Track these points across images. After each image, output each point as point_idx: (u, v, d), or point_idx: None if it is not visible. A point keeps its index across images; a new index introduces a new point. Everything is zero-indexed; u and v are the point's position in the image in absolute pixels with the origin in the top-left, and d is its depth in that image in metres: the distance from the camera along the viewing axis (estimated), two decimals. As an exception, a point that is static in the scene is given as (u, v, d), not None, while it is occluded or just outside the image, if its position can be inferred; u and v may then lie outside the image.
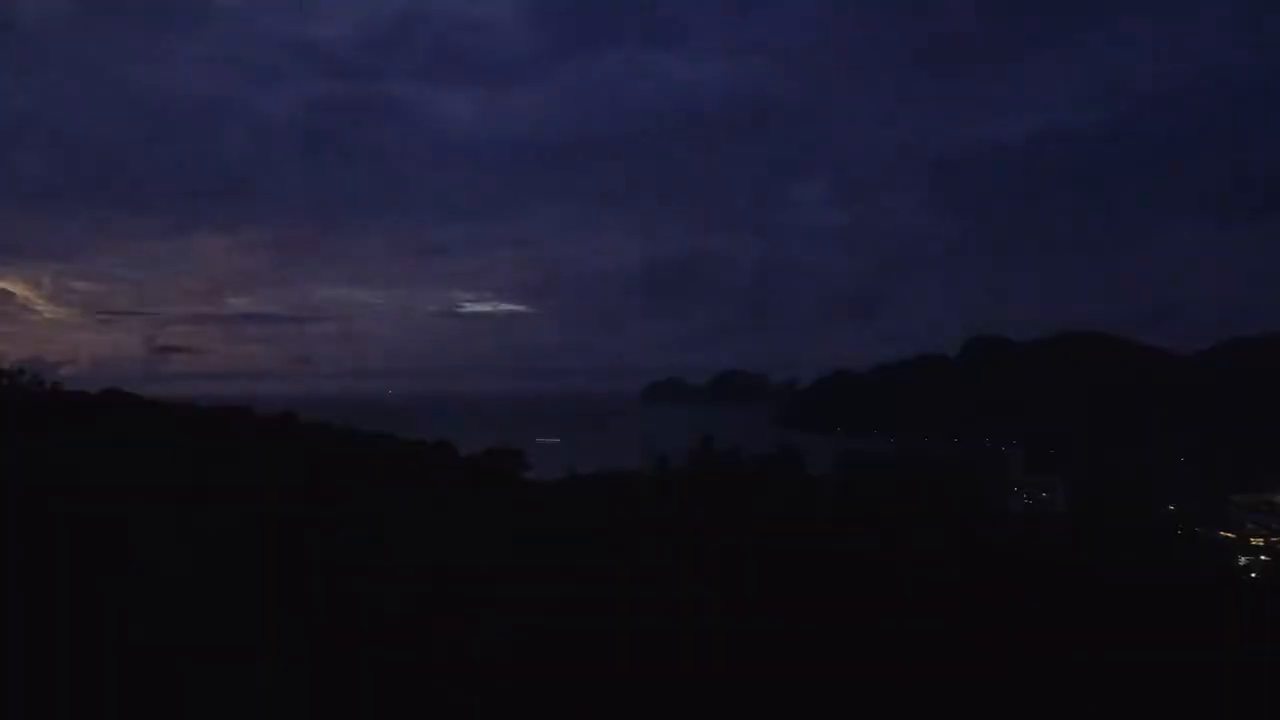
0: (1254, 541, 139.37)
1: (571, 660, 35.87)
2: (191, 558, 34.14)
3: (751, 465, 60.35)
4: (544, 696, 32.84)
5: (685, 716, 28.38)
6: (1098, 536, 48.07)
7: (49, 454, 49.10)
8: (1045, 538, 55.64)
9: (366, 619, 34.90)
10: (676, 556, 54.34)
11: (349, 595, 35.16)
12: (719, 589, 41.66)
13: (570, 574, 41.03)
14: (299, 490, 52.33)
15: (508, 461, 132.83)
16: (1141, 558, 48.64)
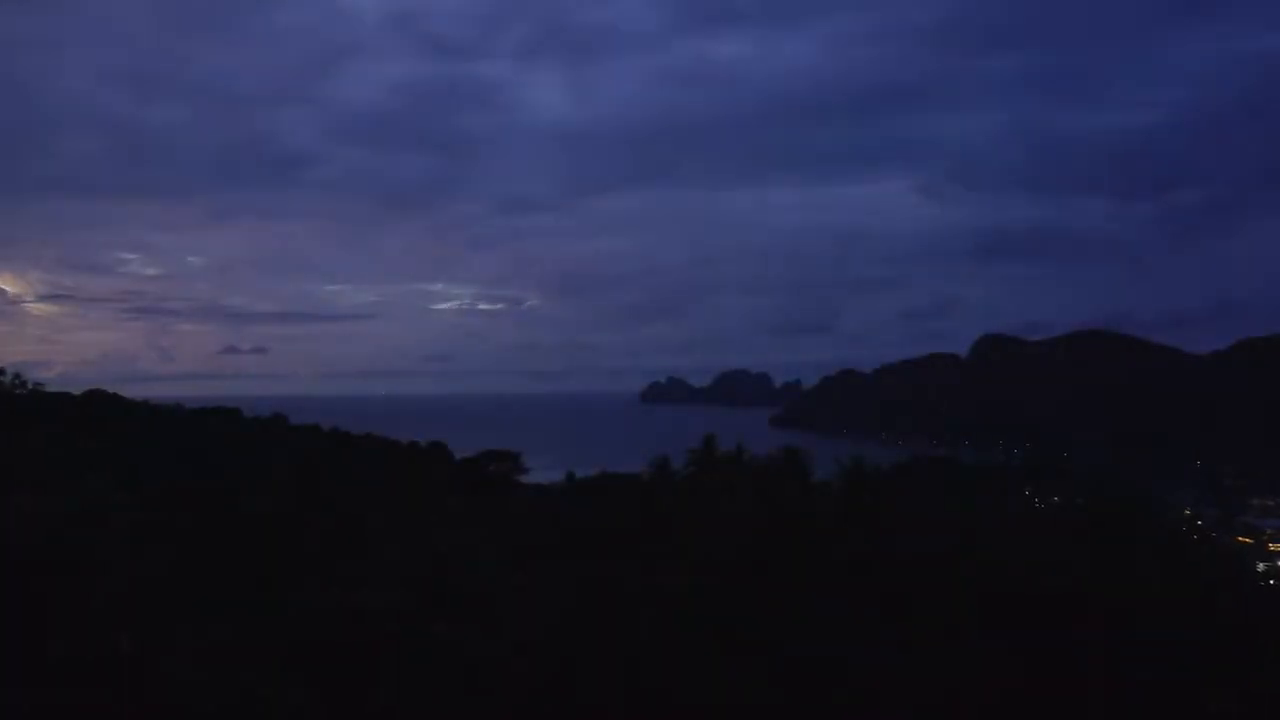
0: (1272, 548, 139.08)
1: (570, 665, 35.78)
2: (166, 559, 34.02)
3: (754, 468, 60.30)
4: (542, 701, 32.73)
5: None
6: (1106, 544, 47.97)
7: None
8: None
9: (358, 625, 34.83)
10: (675, 562, 54.25)
11: (339, 602, 35.09)
12: (719, 596, 41.59)
13: (567, 580, 41.01)
14: (284, 493, 52.35)
15: (504, 464, 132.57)
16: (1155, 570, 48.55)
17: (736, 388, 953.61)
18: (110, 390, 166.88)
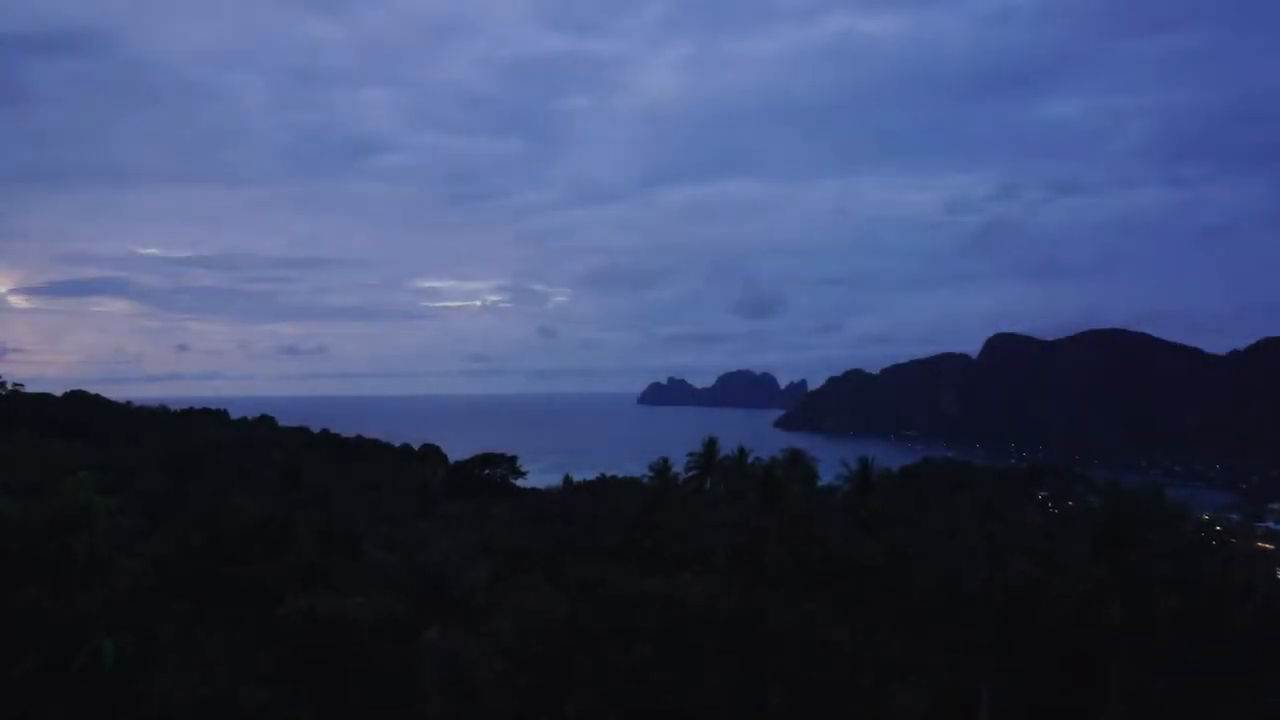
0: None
1: (568, 676, 35.79)
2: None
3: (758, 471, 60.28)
4: (537, 713, 32.73)
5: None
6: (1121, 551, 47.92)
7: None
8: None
9: (347, 634, 34.84)
10: (676, 569, 54.13)
11: (328, 610, 35.08)
12: (722, 604, 41.58)
13: (562, 588, 41.02)
14: (271, 497, 52.37)
15: (500, 467, 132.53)
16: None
17: (739, 389, 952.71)
18: (92, 391, 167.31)
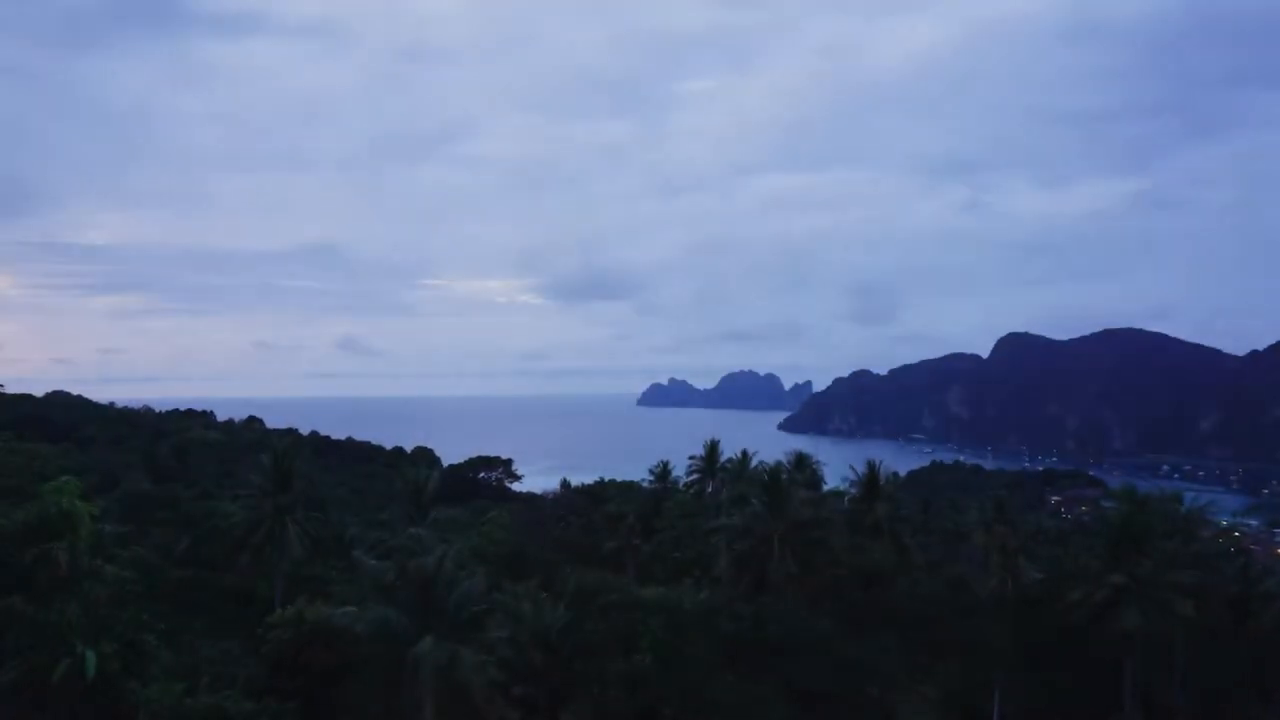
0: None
1: (562, 686, 35.77)
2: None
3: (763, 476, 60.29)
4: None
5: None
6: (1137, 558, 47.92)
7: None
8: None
9: (336, 645, 34.79)
10: (677, 576, 54.06)
11: (317, 620, 35.05)
12: (724, 612, 41.56)
13: (560, 596, 40.97)
14: (259, 502, 52.26)
15: (495, 470, 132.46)
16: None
17: (742, 390, 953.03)
18: (74, 393, 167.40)
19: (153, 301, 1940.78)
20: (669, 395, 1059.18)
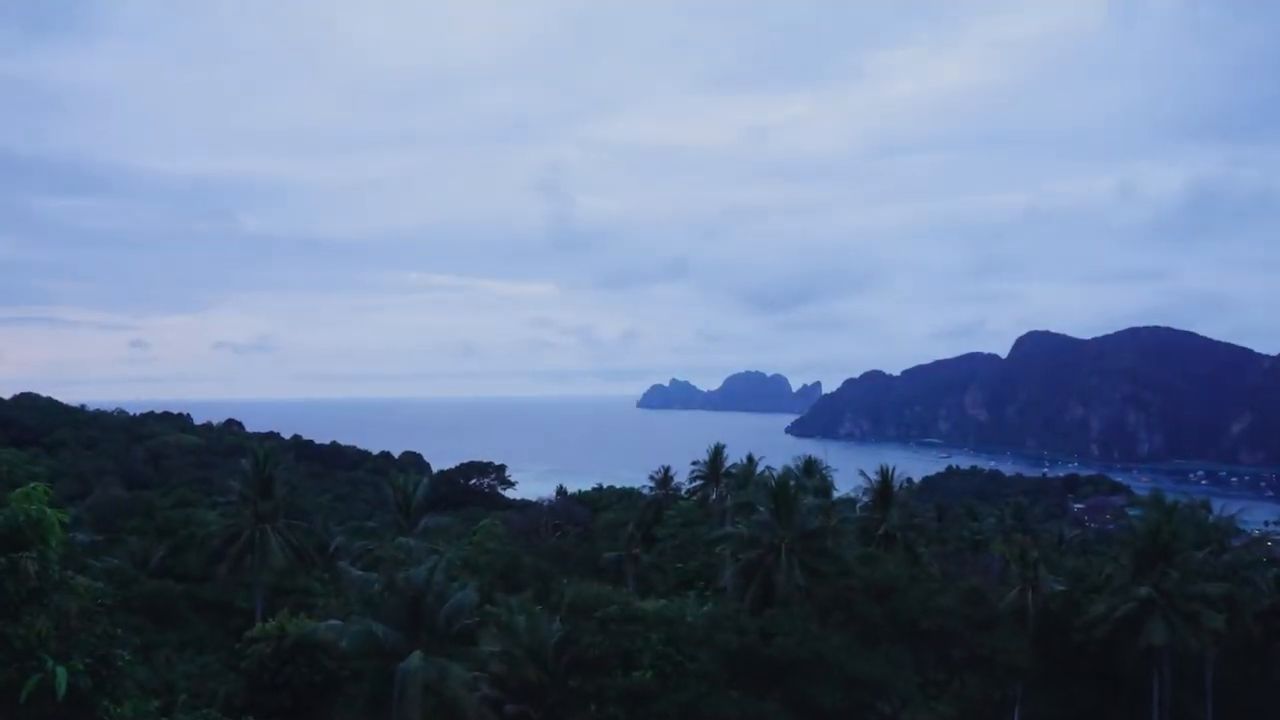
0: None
1: (557, 704, 35.77)
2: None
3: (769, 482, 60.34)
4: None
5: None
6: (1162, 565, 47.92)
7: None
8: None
9: (321, 660, 34.80)
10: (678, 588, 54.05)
11: (299, 635, 35.04)
12: (728, 627, 41.54)
13: (555, 609, 40.99)
14: (239, 509, 52.31)
15: (487, 476, 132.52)
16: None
17: (747, 391, 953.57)
18: (44, 395, 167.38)
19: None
20: (670, 397, 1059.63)
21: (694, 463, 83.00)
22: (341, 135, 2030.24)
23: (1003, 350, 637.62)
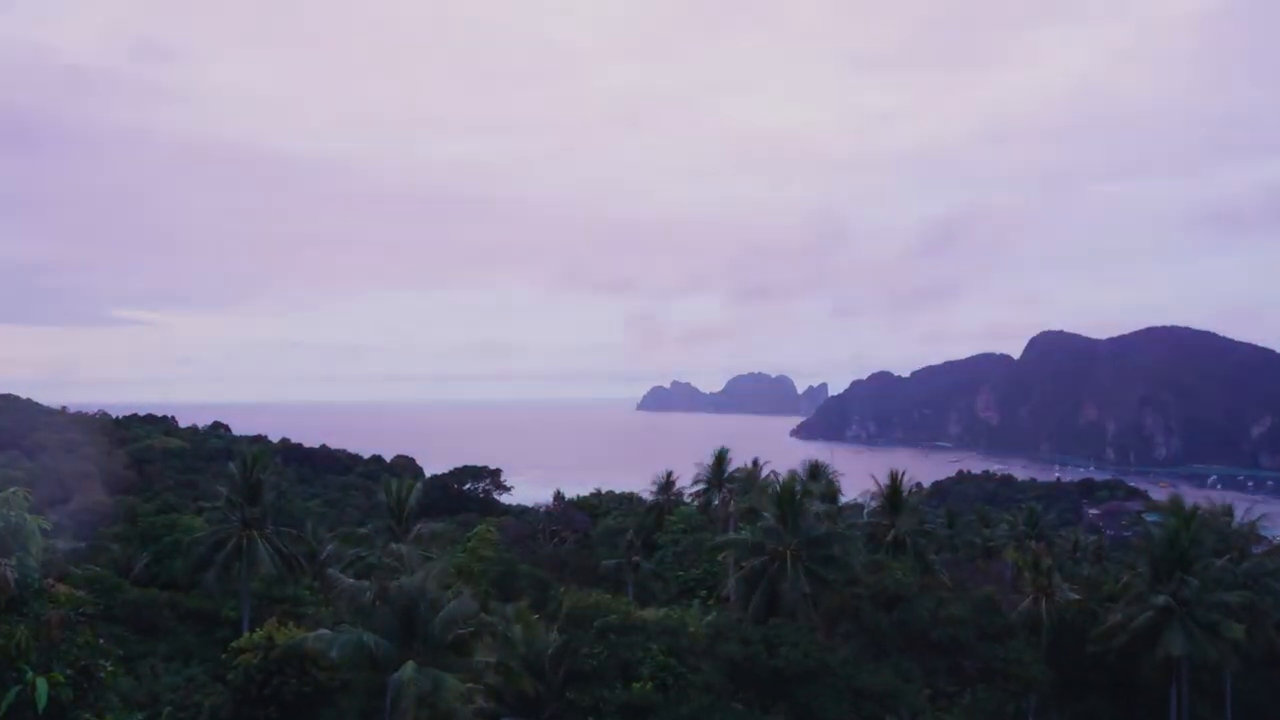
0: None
1: (555, 716, 35.76)
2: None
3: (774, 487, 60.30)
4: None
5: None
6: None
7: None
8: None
9: (311, 672, 34.78)
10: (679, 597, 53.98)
11: (291, 646, 35.02)
12: (731, 638, 41.52)
13: (553, 618, 41.00)
14: (226, 514, 52.31)
15: (482, 481, 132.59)
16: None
17: (751, 393, 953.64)
18: (24, 397, 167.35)
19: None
20: (671, 399, 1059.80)
21: (696, 466, 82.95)
22: (445, 118, 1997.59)
23: (1015, 351, 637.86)
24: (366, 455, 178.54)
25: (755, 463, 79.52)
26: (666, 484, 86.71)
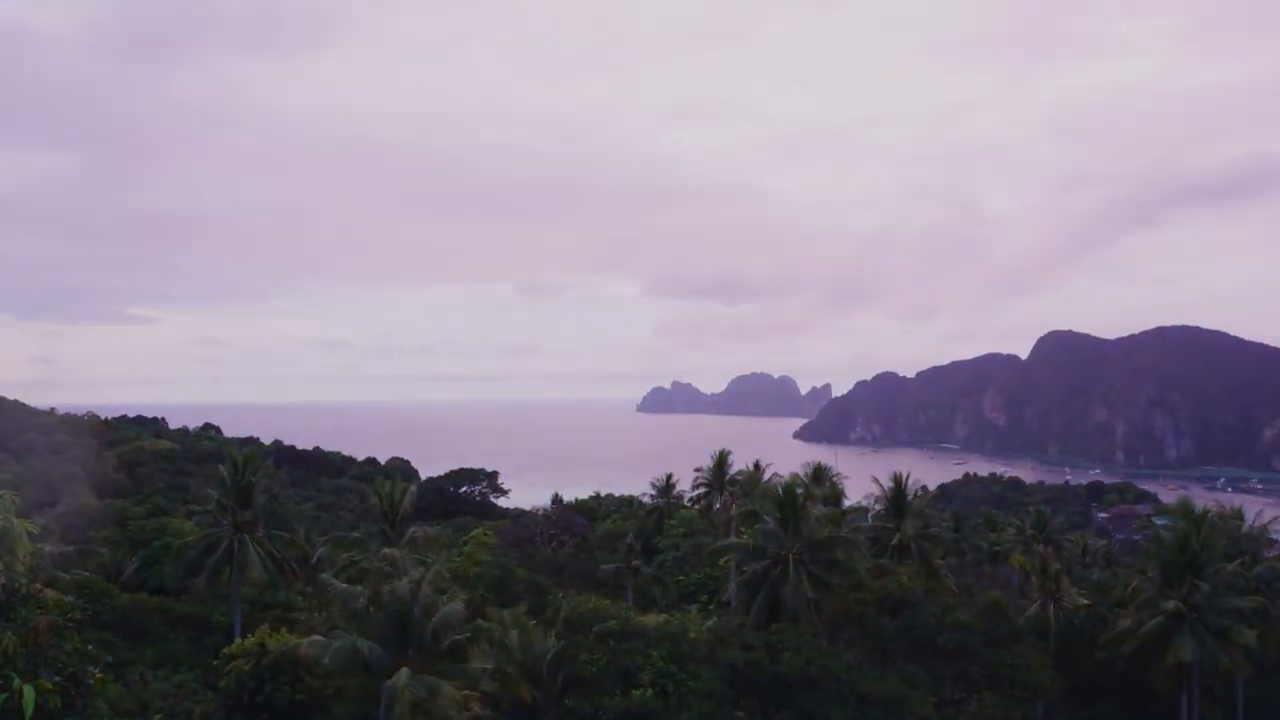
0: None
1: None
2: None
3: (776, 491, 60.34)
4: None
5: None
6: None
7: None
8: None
9: (304, 678, 34.79)
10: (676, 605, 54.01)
11: (284, 652, 35.02)
12: (732, 643, 41.56)
13: (550, 624, 41.04)
14: (217, 518, 52.32)
15: (478, 484, 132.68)
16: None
17: (753, 394, 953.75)
18: (10, 398, 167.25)
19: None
20: (671, 400, 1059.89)
21: (697, 470, 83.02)
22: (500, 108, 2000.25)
23: (1022, 350, 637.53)
24: (360, 457, 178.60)
25: (757, 465, 79.60)
26: (666, 487, 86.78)
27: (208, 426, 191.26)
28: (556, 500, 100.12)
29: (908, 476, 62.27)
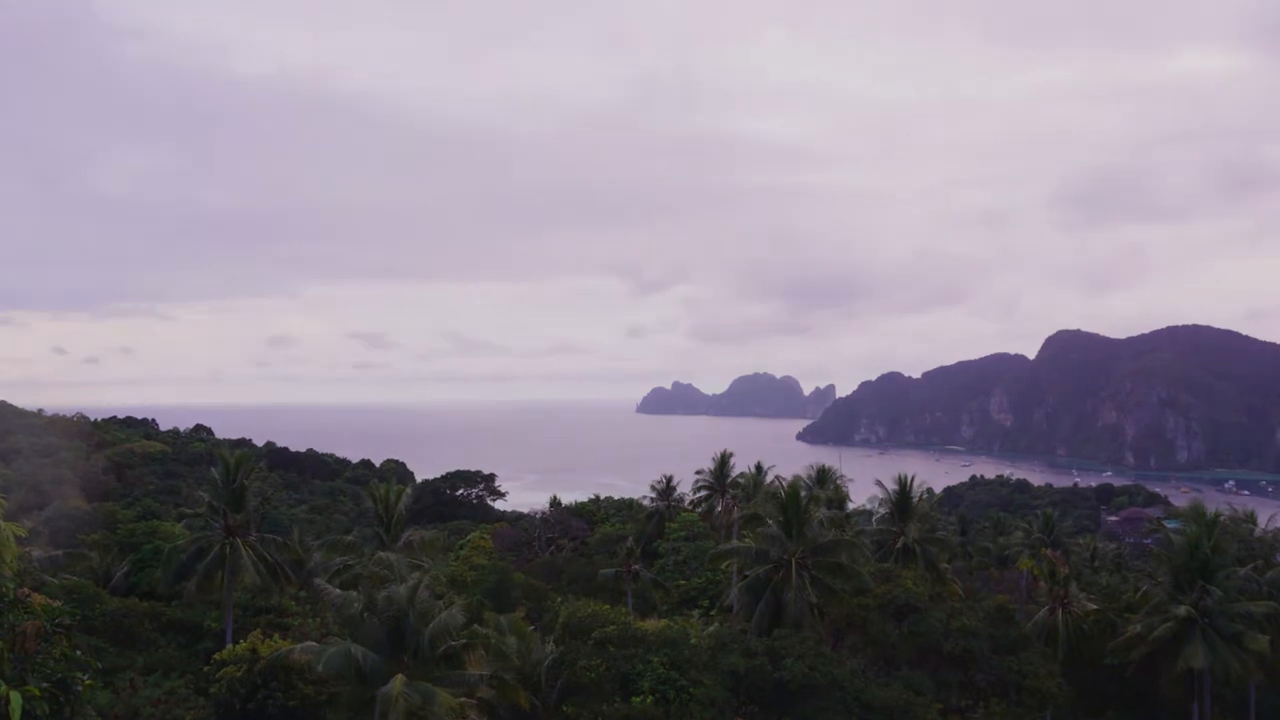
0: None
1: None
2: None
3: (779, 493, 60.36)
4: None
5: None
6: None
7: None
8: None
9: (299, 684, 34.79)
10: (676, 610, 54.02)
11: (276, 659, 35.04)
12: (735, 648, 41.58)
13: (548, 629, 41.05)
14: (209, 521, 52.32)
15: (475, 486, 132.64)
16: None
17: (755, 395, 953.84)
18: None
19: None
20: (672, 401, 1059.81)
21: (698, 472, 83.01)
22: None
23: (1030, 350, 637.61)
24: (354, 460, 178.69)
25: (759, 467, 79.64)
26: (667, 489, 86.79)
27: (199, 428, 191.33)
28: (555, 503, 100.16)
29: (913, 479, 62.32)
